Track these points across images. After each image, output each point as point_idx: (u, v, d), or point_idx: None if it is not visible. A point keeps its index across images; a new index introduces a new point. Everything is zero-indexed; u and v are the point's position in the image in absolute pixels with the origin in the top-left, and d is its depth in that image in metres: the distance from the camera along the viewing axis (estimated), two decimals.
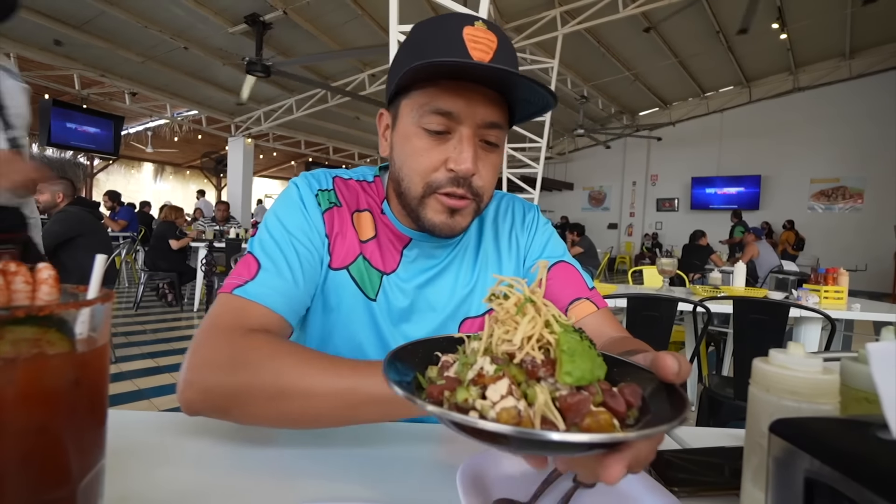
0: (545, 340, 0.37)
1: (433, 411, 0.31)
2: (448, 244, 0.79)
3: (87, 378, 0.33)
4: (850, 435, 0.32)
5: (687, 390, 2.03)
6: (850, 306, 2.58)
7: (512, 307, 0.38)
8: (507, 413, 0.32)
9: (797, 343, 0.42)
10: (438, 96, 0.64)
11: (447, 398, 0.35)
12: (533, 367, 0.35)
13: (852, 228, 11.50)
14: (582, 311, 0.75)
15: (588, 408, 0.33)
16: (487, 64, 0.60)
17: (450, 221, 0.68)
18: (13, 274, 0.33)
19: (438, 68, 0.60)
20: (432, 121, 0.64)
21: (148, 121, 12.29)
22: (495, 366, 0.35)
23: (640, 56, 10.10)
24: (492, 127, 0.66)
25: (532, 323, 0.37)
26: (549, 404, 0.33)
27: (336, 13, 7.15)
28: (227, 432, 0.62)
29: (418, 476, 0.54)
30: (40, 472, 0.31)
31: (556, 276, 0.80)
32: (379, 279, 0.75)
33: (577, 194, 16.44)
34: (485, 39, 0.63)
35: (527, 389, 0.34)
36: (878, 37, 9.95)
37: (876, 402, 0.41)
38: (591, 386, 0.35)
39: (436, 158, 0.66)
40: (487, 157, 0.68)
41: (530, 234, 0.85)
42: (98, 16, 6.86)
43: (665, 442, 0.68)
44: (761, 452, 0.42)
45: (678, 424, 0.31)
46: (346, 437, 0.62)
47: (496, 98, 0.65)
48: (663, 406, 0.35)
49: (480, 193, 0.68)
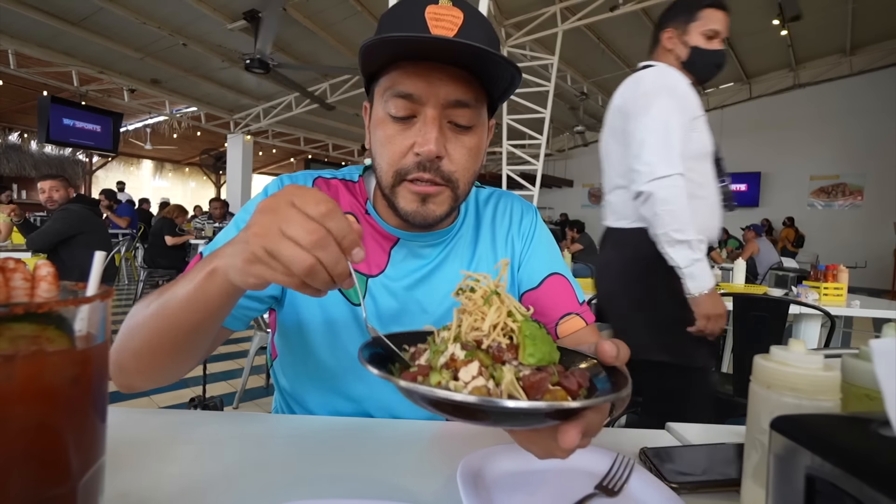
0: (508, 328, 0.41)
1: (408, 386, 0.36)
2: (437, 242, 0.76)
3: (86, 375, 0.33)
4: (851, 431, 0.32)
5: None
6: (849, 303, 2.58)
7: (479, 299, 0.43)
8: (478, 391, 0.36)
9: (798, 340, 0.42)
10: (399, 79, 0.62)
11: (420, 382, 0.39)
12: (499, 351, 0.40)
13: (852, 225, 11.50)
14: (572, 327, 0.76)
15: (547, 386, 0.38)
16: (435, 36, 0.56)
17: (421, 210, 0.65)
18: (12, 271, 0.33)
19: (397, 49, 0.59)
20: (395, 105, 0.62)
21: (147, 117, 12.27)
22: (465, 351, 0.39)
23: (640, 52, 10.02)
24: (459, 106, 0.62)
25: (498, 312, 0.41)
26: (514, 383, 0.37)
27: (335, 9, 7.12)
28: (228, 429, 0.62)
29: (417, 473, 0.54)
30: (40, 470, 0.31)
31: (549, 291, 0.78)
32: (364, 283, 0.72)
33: (577, 191, 16.43)
34: (448, 16, 0.60)
35: (493, 372, 0.39)
36: (879, 33, 9.93)
37: (877, 398, 0.41)
38: (548, 367, 0.40)
39: (402, 144, 0.63)
40: (458, 139, 0.64)
41: (526, 242, 0.82)
42: (96, 12, 6.84)
43: (666, 439, 0.68)
44: (762, 449, 0.42)
45: (622, 396, 0.37)
46: (347, 435, 0.62)
47: (463, 76, 0.62)
48: (608, 385, 0.41)
49: (453, 179, 0.65)
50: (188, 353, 0.58)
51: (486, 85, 0.65)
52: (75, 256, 3.23)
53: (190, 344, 0.56)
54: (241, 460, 0.54)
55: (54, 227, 3.21)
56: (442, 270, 0.76)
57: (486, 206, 0.83)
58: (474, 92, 0.63)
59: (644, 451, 0.59)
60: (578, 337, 0.75)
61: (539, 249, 0.82)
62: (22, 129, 12.18)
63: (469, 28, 0.61)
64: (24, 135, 12.24)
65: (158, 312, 0.54)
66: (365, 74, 0.68)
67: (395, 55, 0.61)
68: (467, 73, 0.62)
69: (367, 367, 0.39)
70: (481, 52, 0.55)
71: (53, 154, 12.47)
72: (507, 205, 0.84)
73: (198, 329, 0.54)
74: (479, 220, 0.82)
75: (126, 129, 12.40)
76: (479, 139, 0.67)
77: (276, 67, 6.94)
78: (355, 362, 0.72)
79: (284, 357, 0.78)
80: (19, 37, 7.39)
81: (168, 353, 0.56)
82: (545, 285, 0.79)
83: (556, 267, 0.81)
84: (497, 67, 0.59)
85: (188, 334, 0.54)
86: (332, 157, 15.05)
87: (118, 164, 15.22)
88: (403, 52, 0.60)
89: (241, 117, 11.46)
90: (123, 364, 0.58)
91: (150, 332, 0.55)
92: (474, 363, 0.38)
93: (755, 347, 2.01)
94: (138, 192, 13.63)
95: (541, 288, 0.79)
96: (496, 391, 0.37)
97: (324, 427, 0.65)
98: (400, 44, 0.58)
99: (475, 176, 0.69)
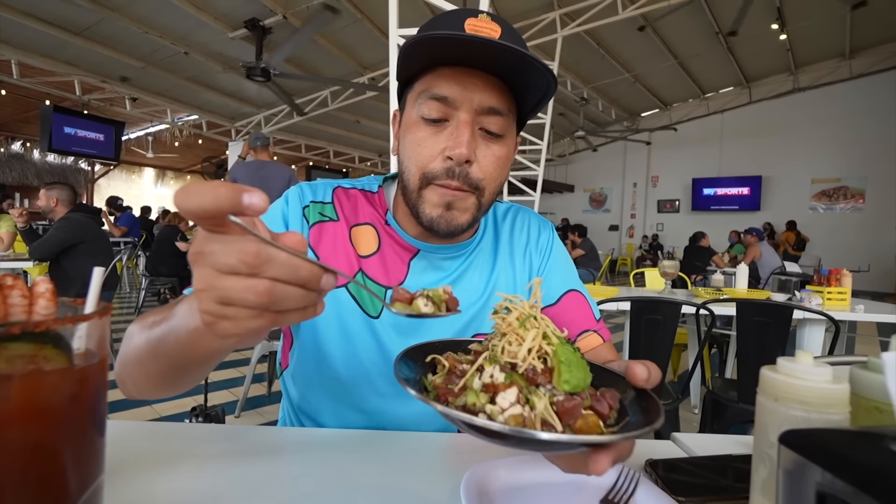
0: (543, 351, 0.42)
1: (445, 412, 0.35)
2: (458, 254, 0.75)
3: (84, 393, 0.33)
4: (862, 447, 0.31)
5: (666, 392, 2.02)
6: (853, 308, 2.57)
7: (514, 321, 0.43)
8: (515, 419, 0.37)
9: (805, 351, 0.41)
10: (435, 82, 0.63)
11: (452, 401, 0.40)
12: (533, 374, 0.40)
13: (854, 228, 11.48)
14: (589, 345, 0.76)
15: (580, 412, 0.38)
16: (477, 36, 0.56)
17: (446, 215, 0.65)
18: (10, 288, 0.33)
19: (436, 52, 0.60)
20: (429, 108, 0.63)
21: (148, 126, 12.32)
22: (504, 374, 0.40)
23: (639, 58, 10.11)
24: (492, 113, 0.63)
25: (535, 336, 0.42)
26: (548, 409, 0.38)
27: (336, 17, 7.16)
28: (229, 443, 0.61)
29: (422, 484, 0.53)
30: (38, 490, 0.30)
31: (567, 307, 0.78)
32: (383, 294, 0.70)
33: (578, 196, 16.44)
34: (486, 28, 0.61)
35: (528, 394, 0.39)
36: (878, 36, 9.95)
37: (887, 411, 0.41)
38: (582, 392, 0.40)
39: (434, 147, 0.64)
40: (488, 146, 0.65)
41: (544, 258, 0.82)
42: (98, 22, 6.89)
43: (671, 450, 0.67)
44: (770, 463, 0.41)
45: (655, 427, 0.37)
46: (349, 447, 0.62)
47: (497, 84, 0.63)
48: (639, 409, 0.41)
49: (480, 186, 0.65)
50: (189, 381, 0.55)
51: (519, 97, 0.66)
52: (77, 265, 3.23)
53: (190, 377, 0.53)
54: (247, 475, 0.54)
55: (56, 235, 3.21)
56: (461, 283, 0.75)
57: (504, 220, 0.84)
58: (507, 101, 0.64)
59: (650, 463, 0.58)
60: (596, 354, 0.75)
61: (556, 266, 0.82)
62: (25, 138, 12.24)
63: (506, 40, 0.61)
64: (27, 144, 12.31)
65: (152, 351, 0.50)
66: (400, 80, 0.69)
67: (433, 58, 0.62)
68: (502, 82, 0.63)
69: (406, 387, 0.37)
70: (519, 55, 0.56)
71: (56, 163, 12.54)
72: (524, 220, 0.85)
73: (198, 366, 0.50)
74: (498, 234, 0.82)
75: (128, 137, 12.45)
76: (508, 150, 0.67)
77: (276, 76, 6.97)
78: (370, 375, 0.71)
79: (297, 367, 0.77)
80: (22, 47, 7.44)
81: (168, 383, 0.54)
82: (563, 302, 0.79)
83: (572, 283, 0.81)
84: (532, 74, 0.60)
85: (185, 371, 0.51)
86: (333, 163, 15.07)
87: (120, 172, 15.28)
88: (442, 55, 0.61)
89: (243, 125, 11.51)
90: (126, 383, 0.57)
91: (145, 369, 0.52)
92: (513, 389, 0.38)
93: (759, 353, 2.01)
94: (140, 200, 13.67)
95: (559, 305, 0.79)
96: (531, 416, 0.37)
97: (330, 439, 0.64)
98: (440, 47, 0.59)
99: (500, 187, 0.69)
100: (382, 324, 0.71)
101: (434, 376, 0.45)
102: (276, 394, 3.23)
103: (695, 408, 3.18)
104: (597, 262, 6.73)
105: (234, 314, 0.34)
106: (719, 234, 10.45)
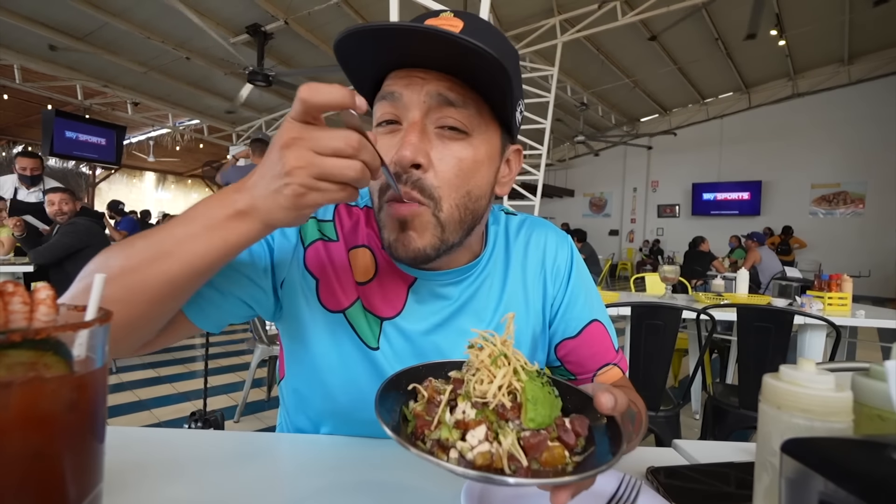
0: (513, 386, 0.43)
1: (418, 454, 0.37)
2: (461, 279, 0.67)
3: (84, 400, 0.33)
4: (866, 456, 0.31)
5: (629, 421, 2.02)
6: (854, 313, 2.56)
7: (486, 358, 0.44)
8: (482, 457, 0.39)
9: (808, 359, 0.41)
10: (387, 83, 0.57)
11: (428, 435, 0.42)
12: (503, 410, 0.41)
13: (854, 233, 11.49)
14: (609, 379, 0.72)
15: (546, 445, 0.40)
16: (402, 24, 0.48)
17: (402, 238, 0.56)
18: (10, 294, 0.33)
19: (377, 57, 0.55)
20: (381, 109, 0.57)
21: (150, 130, 12.36)
22: (475, 410, 0.41)
23: (639, 63, 10.15)
24: (446, 104, 0.54)
25: (504, 375, 0.43)
26: (515, 445, 0.40)
27: (337, 22, 7.20)
28: (230, 448, 0.61)
29: (422, 490, 0.53)
30: (37, 499, 0.30)
31: (588, 340, 0.73)
32: (379, 325, 0.65)
33: (578, 201, 16.46)
34: (445, 25, 0.55)
35: (497, 429, 0.41)
36: (877, 42, 10.00)
37: (890, 419, 0.41)
38: (549, 426, 0.42)
39: (385, 156, 0.51)
40: (446, 146, 0.56)
41: (561, 286, 0.73)
42: (101, 27, 6.92)
43: (673, 457, 0.67)
44: (773, 471, 0.41)
45: (610, 467, 0.37)
46: (351, 457, 0.61)
47: (452, 79, 0.55)
48: (605, 438, 0.42)
49: (435, 196, 0.55)
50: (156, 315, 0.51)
51: (489, 97, 0.56)
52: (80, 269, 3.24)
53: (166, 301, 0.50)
54: (247, 481, 0.53)
55: (63, 241, 3.22)
56: (466, 312, 0.67)
57: (517, 237, 0.74)
58: (464, 93, 0.55)
59: (651, 471, 0.58)
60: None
61: (578, 294, 0.74)
62: (26, 142, 12.28)
63: (469, 35, 0.50)
64: (29, 148, 12.35)
65: (145, 253, 0.48)
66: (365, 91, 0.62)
67: (382, 63, 0.57)
68: (462, 80, 0.55)
69: (384, 426, 0.39)
70: (465, 44, 0.46)
71: (57, 167, 12.53)
72: (540, 237, 0.75)
73: (189, 279, 0.48)
74: (509, 254, 0.72)
75: (129, 141, 12.49)
76: (475, 152, 0.57)
77: (275, 78, 7.00)
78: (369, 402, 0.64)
79: (295, 390, 0.72)
80: (25, 52, 7.48)
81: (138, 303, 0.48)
82: (584, 334, 0.73)
83: (595, 313, 0.74)
84: (489, 68, 0.50)
85: (175, 284, 0.48)
86: None
87: (121, 176, 15.31)
88: (385, 58, 0.55)
89: (244, 129, 11.54)
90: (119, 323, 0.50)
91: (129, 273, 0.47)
92: (482, 427, 0.40)
93: (760, 359, 2.01)
94: (141, 204, 13.68)
95: (580, 337, 0.73)
96: (498, 452, 0.39)
97: (329, 445, 0.64)
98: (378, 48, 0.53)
99: (469, 200, 0.58)
100: (384, 354, 0.65)
101: (415, 404, 0.46)
102: (276, 399, 3.22)
103: (696, 413, 3.17)
104: (597, 267, 6.74)
105: (326, 188, 0.43)
106: (719, 239, 10.43)
